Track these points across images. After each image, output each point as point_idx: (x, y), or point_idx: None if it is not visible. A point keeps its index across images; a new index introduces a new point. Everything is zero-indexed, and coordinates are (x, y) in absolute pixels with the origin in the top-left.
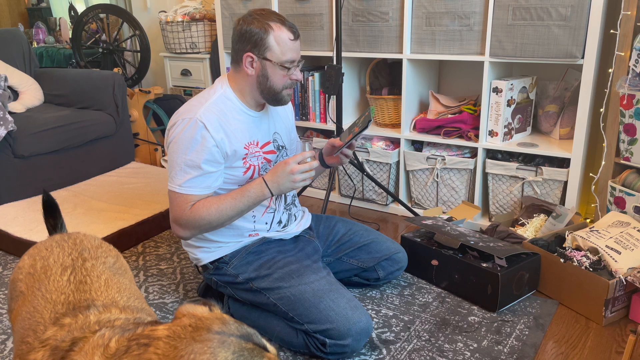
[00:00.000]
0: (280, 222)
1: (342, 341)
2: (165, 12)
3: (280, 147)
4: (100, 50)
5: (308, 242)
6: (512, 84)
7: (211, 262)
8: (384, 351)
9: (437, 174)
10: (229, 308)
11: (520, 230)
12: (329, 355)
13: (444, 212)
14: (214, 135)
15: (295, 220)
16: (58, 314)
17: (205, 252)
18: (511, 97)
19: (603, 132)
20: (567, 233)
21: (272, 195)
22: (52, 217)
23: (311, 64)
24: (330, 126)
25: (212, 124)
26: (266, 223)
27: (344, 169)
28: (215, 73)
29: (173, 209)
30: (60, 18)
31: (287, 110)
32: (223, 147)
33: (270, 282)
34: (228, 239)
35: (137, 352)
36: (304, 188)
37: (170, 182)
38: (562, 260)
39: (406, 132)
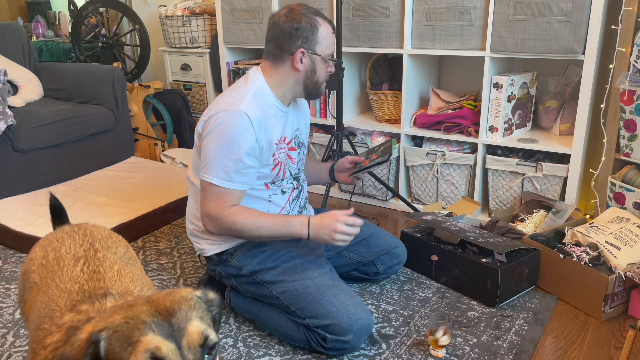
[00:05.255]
0: None
1: (343, 337)
2: (165, 6)
3: (301, 144)
4: (100, 44)
5: None
6: (512, 80)
7: (216, 254)
8: (384, 346)
9: (437, 170)
10: (230, 301)
11: (519, 226)
12: (329, 351)
13: (443, 208)
14: (256, 130)
15: None
16: (74, 302)
17: (212, 244)
18: (511, 92)
19: (603, 128)
20: (566, 229)
21: (308, 238)
22: (60, 220)
23: None
24: (331, 121)
25: (257, 118)
26: None
27: None
28: (215, 68)
29: (207, 203)
30: (59, 12)
31: (306, 107)
32: (261, 142)
33: (274, 275)
34: None
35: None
36: None
37: (206, 173)
38: (561, 255)
39: (406, 128)
